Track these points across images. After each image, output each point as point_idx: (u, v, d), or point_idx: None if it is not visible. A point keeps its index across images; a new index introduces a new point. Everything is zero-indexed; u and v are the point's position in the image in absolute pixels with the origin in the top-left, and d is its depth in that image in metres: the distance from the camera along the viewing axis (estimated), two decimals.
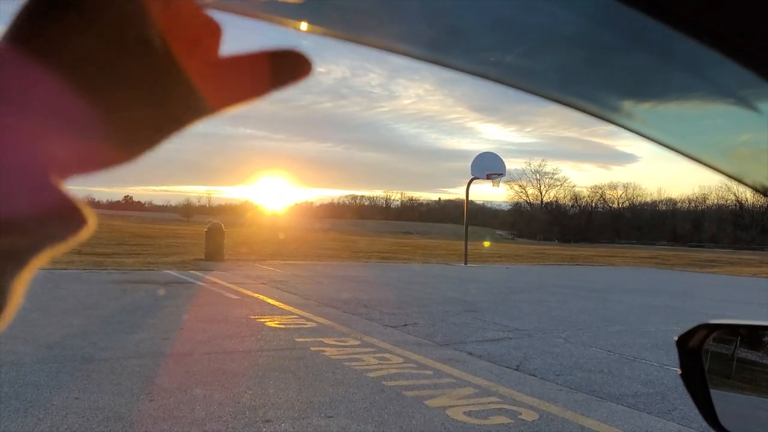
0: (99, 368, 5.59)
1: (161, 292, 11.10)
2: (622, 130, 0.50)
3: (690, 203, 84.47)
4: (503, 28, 0.42)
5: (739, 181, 0.52)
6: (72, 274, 13.05)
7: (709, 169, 0.51)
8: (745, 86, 0.41)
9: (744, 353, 1.04)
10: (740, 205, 76.70)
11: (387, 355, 6.73)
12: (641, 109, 0.50)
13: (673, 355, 0.99)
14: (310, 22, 0.38)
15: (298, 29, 0.38)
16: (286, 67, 0.31)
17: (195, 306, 9.63)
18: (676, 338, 0.97)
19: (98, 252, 18.84)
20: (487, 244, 47.16)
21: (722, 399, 0.97)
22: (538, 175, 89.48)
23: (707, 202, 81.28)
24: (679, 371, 0.97)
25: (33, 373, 5.34)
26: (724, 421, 0.94)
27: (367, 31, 0.40)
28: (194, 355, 6.29)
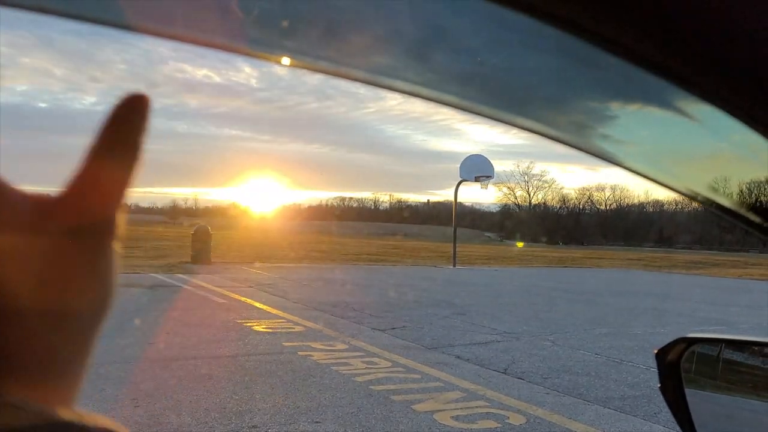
0: None
1: (147, 295, 11.02)
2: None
3: (676, 205, 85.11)
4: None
5: (669, 187, 0.53)
6: None
7: (638, 176, 0.53)
8: (663, 95, 0.43)
9: (729, 355, 1.05)
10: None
11: (375, 359, 6.72)
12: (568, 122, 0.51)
13: None
14: (292, 57, 0.39)
15: (280, 64, 0.39)
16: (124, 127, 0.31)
17: (181, 310, 9.57)
18: (655, 351, 0.98)
19: None
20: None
21: (705, 400, 0.98)
22: (526, 177, 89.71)
23: (693, 204, 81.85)
24: (659, 384, 0.98)
25: None
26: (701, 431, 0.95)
27: (347, 66, 0.41)
28: (180, 360, 6.25)
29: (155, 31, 0.34)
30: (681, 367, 0.96)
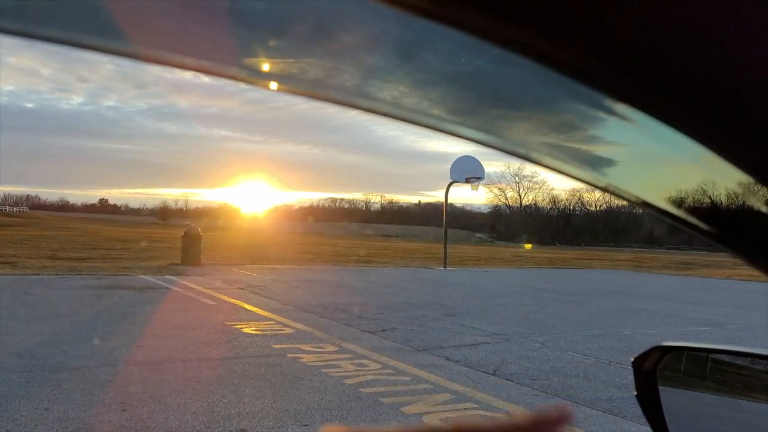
0: (70, 377, 5.48)
1: (136, 297, 10.95)
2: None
3: None
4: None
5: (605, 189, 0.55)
6: (44, 280, 12.84)
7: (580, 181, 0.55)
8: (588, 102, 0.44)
9: (717, 356, 1.06)
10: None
11: (365, 361, 6.70)
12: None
13: None
14: (279, 82, 0.42)
15: (268, 88, 0.42)
16: None
17: (170, 312, 9.51)
18: (632, 359, 0.99)
19: (72, 257, 18.58)
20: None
21: (681, 401, 0.99)
22: (517, 178, 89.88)
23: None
24: (635, 392, 0.98)
25: (1, 383, 5.23)
26: None
27: (330, 91, 0.44)
28: (168, 363, 6.21)
29: (144, 58, 0.35)
30: (657, 375, 0.97)
